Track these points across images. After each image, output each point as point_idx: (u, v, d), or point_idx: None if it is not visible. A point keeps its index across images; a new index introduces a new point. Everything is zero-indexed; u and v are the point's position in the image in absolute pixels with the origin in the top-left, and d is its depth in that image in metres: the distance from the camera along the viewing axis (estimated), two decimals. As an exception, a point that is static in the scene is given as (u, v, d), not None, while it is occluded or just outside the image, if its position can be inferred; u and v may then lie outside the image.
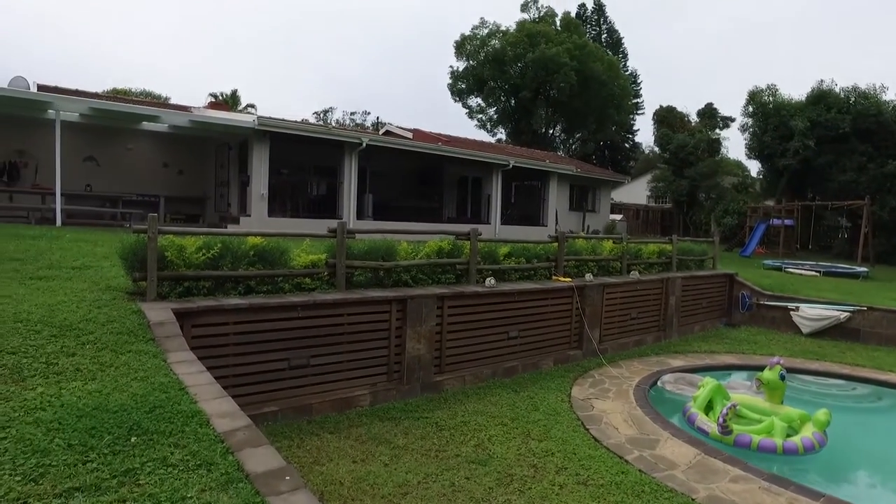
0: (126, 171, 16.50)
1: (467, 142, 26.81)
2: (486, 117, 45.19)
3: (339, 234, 7.16)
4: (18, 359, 4.48)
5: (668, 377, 9.23)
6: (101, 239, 9.50)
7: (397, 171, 20.25)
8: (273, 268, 6.76)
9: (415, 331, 7.66)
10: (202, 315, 5.84)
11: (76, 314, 5.34)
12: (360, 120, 54.21)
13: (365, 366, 7.31)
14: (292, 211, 16.02)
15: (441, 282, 8.59)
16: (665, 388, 8.86)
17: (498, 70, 40.23)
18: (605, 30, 50.69)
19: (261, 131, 14.19)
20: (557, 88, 38.29)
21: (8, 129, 14.91)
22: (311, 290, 7.08)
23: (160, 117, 15.18)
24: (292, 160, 16.02)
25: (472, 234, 8.82)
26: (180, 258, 6.08)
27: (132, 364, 4.57)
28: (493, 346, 8.81)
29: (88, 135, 15.64)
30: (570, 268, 10.77)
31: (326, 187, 17.64)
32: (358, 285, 7.64)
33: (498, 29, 41.51)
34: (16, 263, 7.09)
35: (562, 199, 25.54)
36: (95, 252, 8.15)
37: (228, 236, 6.79)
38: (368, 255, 7.66)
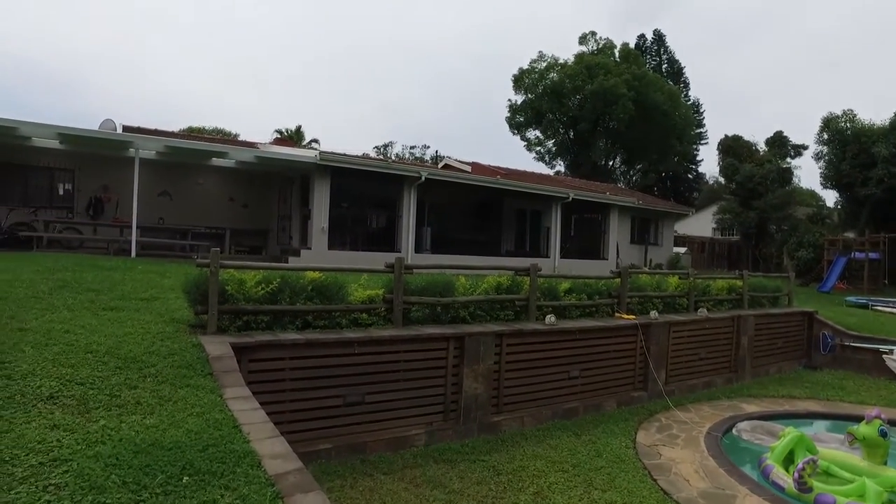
0: (196, 205, 17.27)
1: (526, 174, 26.67)
2: (545, 150, 45.07)
3: (396, 269, 7.11)
4: (86, 390, 4.58)
5: (744, 425, 8.56)
6: (169, 271, 9.85)
7: (455, 205, 20.28)
8: (330, 303, 6.75)
9: (472, 369, 7.45)
10: (259, 350, 5.86)
11: (140, 346, 5.46)
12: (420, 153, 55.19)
13: (421, 404, 7.13)
14: (352, 244, 16.24)
15: (499, 318, 8.37)
16: (741, 437, 8.21)
17: (556, 102, 40.20)
18: (666, 60, 49.96)
19: (322, 166, 14.55)
20: (616, 119, 37.82)
21: (96, 167, 15.96)
22: (367, 326, 7.02)
23: (228, 153, 15.87)
24: (352, 194, 16.32)
25: (531, 269, 8.59)
26: (240, 292, 6.16)
27: (189, 399, 4.58)
28: (553, 386, 8.46)
29: (163, 171, 16.51)
30: (634, 304, 10.31)
31: (385, 220, 17.84)
32: (415, 321, 7.53)
33: (556, 62, 41.64)
34: (92, 294, 7.40)
35: (623, 232, 24.88)
36: (163, 284, 8.43)
37: (287, 271, 6.85)
38: (426, 291, 7.56)
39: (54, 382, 4.60)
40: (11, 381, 4.56)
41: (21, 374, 4.68)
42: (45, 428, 3.99)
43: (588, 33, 43.62)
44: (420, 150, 55.93)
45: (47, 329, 5.69)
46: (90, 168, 16.02)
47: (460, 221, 20.77)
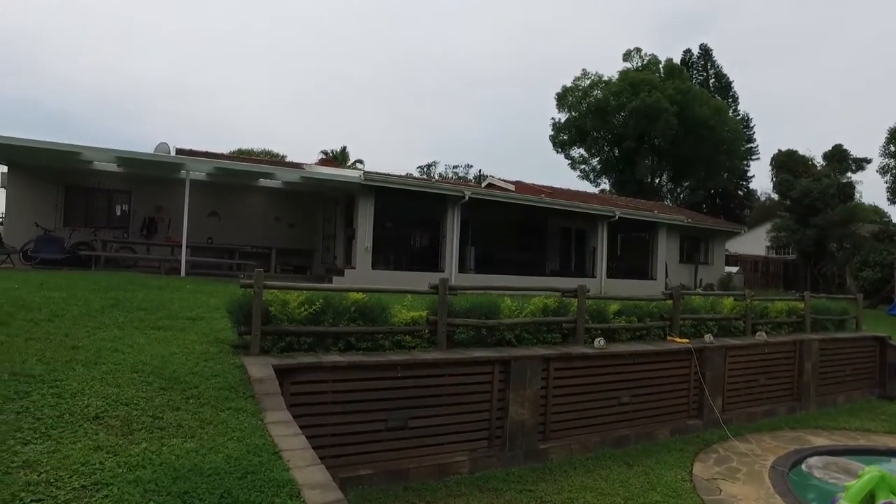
0: (243, 225, 17.63)
1: (570, 193, 26.26)
2: (589, 168, 44.44)
3: (440, 290, 6.95)
4: (130, 410, 4.57)
5: (815, 460, 7.95)
6: (216, 290, 9.98)
7: (499, 224, 20.07)
8: (374, 324, 6.64)
9: (518, 394, 7.18)
10: (301, 372, 5.78)
11: (185, 366, 5.45)
12: (463, 173, 55.21)
13: (465, 430, 6.90)
14: (395, 263, 16.21)
15: (546, 341, 8.09)
16: (811, 474, 7.62)
17: (600, 120, 39.69)
18: (713, 74, 48.72)
19: (367, 186, 14.63)
20: (661, 136, 37.00)
21: (150, 188, 16.54)
22: (411, 348, 6.87)
23: (275, 174, 16.18)
24: (396, 213, 16.34)
25: (579, 291, 8.30)
26: (283, 313, 6.12)
27: (230, 422, 4.51)
28: (602, 413, 8.10)
29: (213, 192, 16.95)
30: (687, 327, 9.83)
31: (429, 240, 17.76)
32: (459, 343, 7.33)
33: (600, 79, 41.19)
34: (141, 313, 7.52)
35: (671, 251, 24.11)
36: (209, 303, 8.51)
37: (331, 291, 6.78)
38: (471, 313, 7.36)
39: (101, 402, 4.62)
40: (62, 399, 4.60)
41: (71, 392, 4.72)
42: (89, 449, 3.97)
43: (632, 49, 43.04)
44: (463, 170, 56.00)
45: (97, 347, 5.76)
46: (145, 189, 16.60)
47: (504, 241, 20.53)
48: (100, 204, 16.73)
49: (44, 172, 15.23)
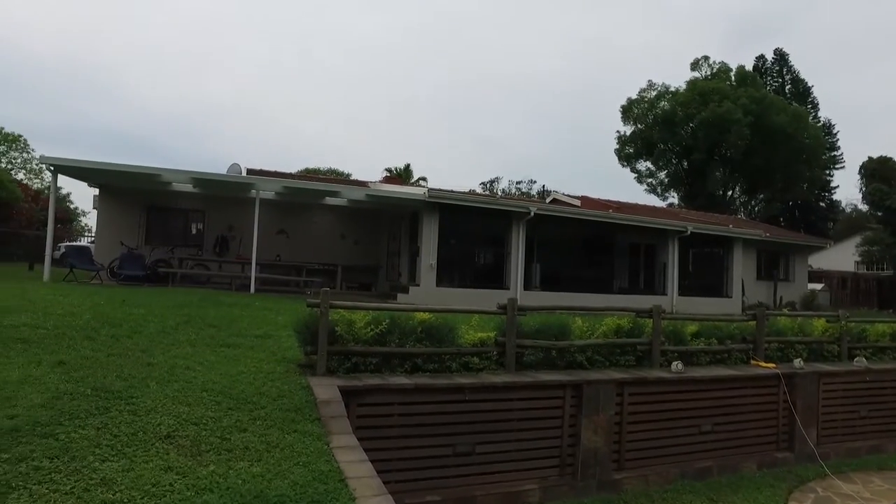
0: (310, 242, 17.98)
1: (638, 207, 25.40)
2: (657, 181, 43.05)
3: (509, 310, 6.71)
4: (199, 430, 4.57)
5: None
6: (283, 307, 10.11)
7: (565, 240, 19.60)
8: (441, 345, 6.47)
9: (591, 420, 6.80)
10: (367, 394, 5.66)
11: (252, 386, 5.45)
12: (526, 188, 54.74)
13: (535, 457, 6.59)
14: (460, 281, 16.06)
15: (620, 364, 7.66)
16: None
17: (668, 132, 38.42)
18: (789, 80, 46.23)
19: (431, 203, 14.61)
20: (733, 146, 35.33)
21: (223, 207, 17.19)
22: (478, 370, 6.64)
23: (340, 192, 16.44)
24: (460, 230, 16.23)
25: (654, 311, 7.84)
26: (349, 333, 6.04)
27: (296, 446, 4.42)
28: (681, 442, 7.56)
29: (281, 210, 17.42)
30: (773, 351, 9.11)
31: (493, 257, 17.53)
32: (528, 365, 7.04)
33: (667, 90, 39.97)
34: (212, 330, 7.67)
35: (748, 267, 22.80)
36: (277, 321, 8.61)
37: (397, 311, 6.67)
38: (540, 334, 7.07)
39: (172, 421, 4.65)
40: (136, 416, 4.66)
41: (145, 409, 4.78)
42: (160, 469, 3.98)
43: (700, 58, 41.52)
44: (526, 185, 55.52)
45: (171, 365, 5.87)
46: (218, 209, 17.25)
47: (570, 258, 20.02)
48: (177, 223, 17.51)
49: (129, 194, 16.12)
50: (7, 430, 4.18)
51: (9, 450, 3.96)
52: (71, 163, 13.14)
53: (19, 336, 6.39)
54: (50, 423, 4.37)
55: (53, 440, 4.15)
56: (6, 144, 34.90)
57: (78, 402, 4.76)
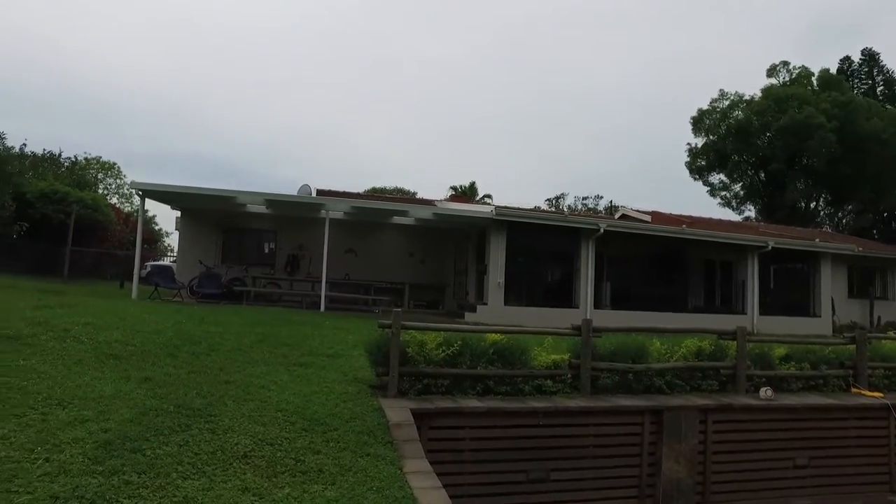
0: (378, 261, 18.24)
1: (712, 222, 24.29)
2: (731, 194, 41.10)
3: (583, 331, 6.47)
4: (274, 451, 4.61)
5: None
6: (353, 326, 10.23)
7: (636, 257, 18.96)
8: (513, 367, 6.31)
9: (672, 448, 6.42)
10: (439, 417, 5.57)
11: (325, 407, 5.47)
12: (593, 204, 53.57)
13: (613, 486, 6.29)
14: (528, 299, 15.80)
15: (701, 389, 7.22)
16: None
17: (742, 142, 36.68)
18: (881, 81, 43.10)
19: (498, 221, 14.49)
20: (816, 154, 33.24)
21: (294, 227, 17.75)
22: (552, 394, 6.42)
23: (408, 211, 16.62)
24: (528, 248, 16.00)
25: (738, 333, 7.36)
26: (421, 354, 5.99)
27: (369, 470, 4.37)
28: (773, 476, 7.01)
29: (350, 229, 17.78)
30: (878, 379, 8.35)
31: (562, 275, 17.17)
32: (603, 389, 6.75)
33: (740, 99, 38.24)
34: (286, 349, 7.83)
35: (838, 284, 21.23)
36: (347, 340, 8.69)
37: (468, 332, 6.57)
38: (616, 356, 6.78)
39: (249, 440, 4.72)
40: (215, 435, 4.76)
41: (223, 428, 4.88)
42: (238, 490, 4.02)
43: (778, 64, 39.52)
44: (593, 201, 54.33)
45: (246, 383, 6.00)
46: (289, 228, 17.82)
47: (641, 275, 19.35)
48: (251, 243, 18.22)
49: (207, 216, 16.94)
50: (102, 442, 4.37)
51: (103, 462, 4.13)
52: (157, 187, 13.98)
53: (111, 352, 6.74)
54: (138, 438, 4.53)
55: (141, 455, 4.29)
56: (103, 172, 37.63)
57: (162, 418, 4.92)
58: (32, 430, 4.48)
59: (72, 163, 32.75)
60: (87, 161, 35.87)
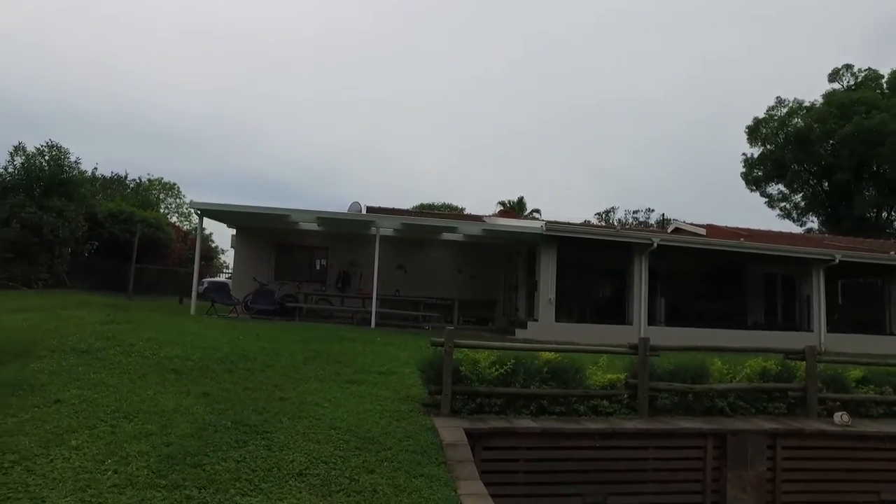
0: (427, 277, 18.29)
1: (772, 235, 23.28)
2: (792, 205, 39.44)
3: (640, 350, 6.27)
4: (329, 469, 4.63)
5: None
6: (404, 343, 10.26)
7: (690, 272, 18.39)
8: (567, 386, 6.15)
9: (737, 475, 6.10)
10: (493, 437, 5.48)
11: (378, 425, 5.47)
12: (643, 218, 52.34)
13: (674, 513, 6.00)
14: (579, 316, 15.52)
15: (767, 412, 6.86)
16: None
17: (803, 151, 35.22)
18: (971, 76, 40.55)
19: (548, 236, 14.33)
20: (888, 161, 31.50)
21: (344, 244, 18.05)
22: (608, 414, 6.23)
23: (457, 228, 16.64)
24: (579, 264, 15.75)
25: (807, 353, 6.97)
26: (474, 372, 5.93)
27: (423, 491, 4.33)
28: (852, 508, 6.54)
29: (399, 246, 17.92)
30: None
31: (614, 291, 16.80)
32: (662, 410, 6.50)
33: (800, 105, 36.81)
34: (338, 366, 7.90)
35: (916, 299, 19.92)
36: (399, 357, 8.71)
37: (521, 351, 6.46)
38: (675, 376, 6.53)
39: (304, 458, 4.75)
40: (271, 452, 4.82)
41: (279, 445, 4.94)
42: (293, 509, 4.04)
43: (841, 67, 37.75)
44: (643, 215, 53.11)
45: (301, 401, 6.07)
46: (340, 246, 18.12)
47: (697, 291, 18.73)
48: (303, 260, 18.61)
49: (261, 233, 17.45)
50: (165, 456, 4.50)
51: (166, 476, 4.24)
52: (214, 206, 14.51)
53: (172, 367, 6.97)
54: (198, 453, 4.64)
55: (201, 470, 4.39)
56: (164, 192, 39.46)
57: (220, 434, 5.02)
58: (102, 442, 4.66)
59: (136, 184, 34.47)
60: (150, 182, 37.68)
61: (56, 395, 5.63)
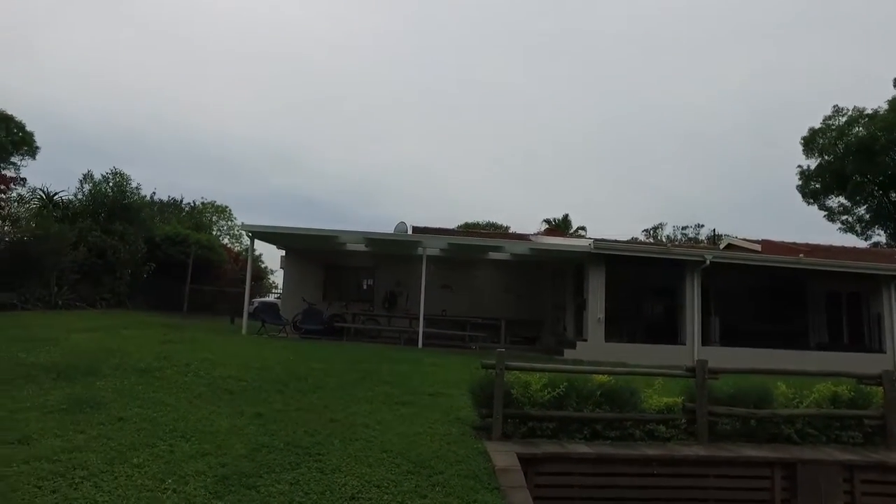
0: (473, 297, 18.23)
1: (834, 250, 22.19)
2: (854, 218, 37.56)
3: (698, 373, 6.02)
4: (381, 493, 4.59)
5: None
6: (451, 363, 10.19)
7: (745, 290, 17.66)
8: (622, 410, 5.95)
9: (809, 509, 5.73)
10: (546, 462, 5.33)
11: (429, 449, 5.40)
12: (693, 234, 50.94)
13: (741, 548, 5.68)
14: (630, 335, 15.11)
15: (840, 440, 6.44)
16: None
17: (866, 161, 33.57)
18: None
19: (596, 254, 14.09)
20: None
21: (390, 264, 18.22)
22: (666, 440, 5.98)
23: (504, 247, 16.56)
24: (628, 282, 15.38)
25: (884, 377, 6.55)
26: (525, 395, 5.81)
27: (478, 519, 4.23)
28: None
29: (445, 265, 17.95)
30: None
31: (665, 309, 16.32)
32: (722, 435, 6.20)
33: (860, 114, 35.20)
34: (387, 387, 7.90)
35: None
36: (447, 378, 8.64)
37: (574, 373, 6.30)
38: (736, 400, 6.22)
39: (356, 482, 4.73)
40: (323, 474, 4.82)
41: (331, 468, 4.94)
42: (346, 533, 4.01)
43: (907, 74, 36.07)
44: (693, 230, 51.68)
45: (351, 422, 6.07)
46: (386, 265, 18.29)
47: (753, 309, 17.96)
48: (350, 280, 18.87)
49: (310, 254, 17.80)
50: (220, 477, 4.57)
51: (222, 497, 4.30)
52: (265, 229, 14.91)
53: (226, 387, 7.11)
54: (252, 474, 4.68)
55: (255, 492, 4.42)
56: (217, 215, 40.93)
57: (274, 455, 5.06)
58: (162, 461, 4.77)
59: (191, 207, 35.83)
60: (204, 205, 39.14)
61: (119, 412, 5.81)
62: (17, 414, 5.59)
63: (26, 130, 27.16)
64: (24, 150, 27.32)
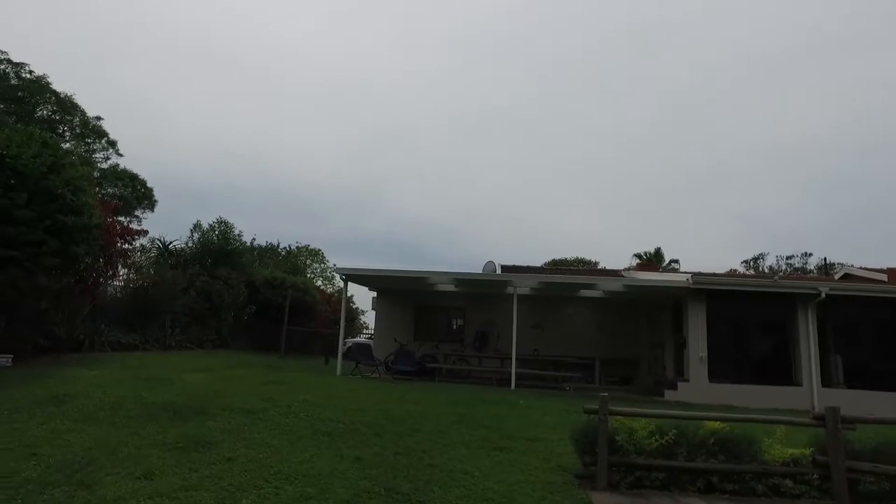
0: (565, 336, 17.74)
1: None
2: None
3: (829, 422, 5.41)
4: (483, 546, 4.43)
5: None
6: (547, 406, 9.88)
7: (872, 324, 16.00)
8: (739, 461, 5.45)
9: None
10: (660, 518, 4.95)
11: (531, 498, 5.18)
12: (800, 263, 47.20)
13: None
14: (736, 375, 14.04)
15: None
16: None
17: None
18: None
19: (695, 290, 13.34)
20: None
21: (480, 304, 18.18)
22: (794, 497, 5.38)
23: (596, 284, 16.09)
24: (732, 318, 14.40)
25: None
26: (631, 443, 5.47)
27: (589, 577, 3.96)
28: None
29: (536, 304, 17.65)
30: None
31: (775, 347, 15.05)
32: (868, 497, 5.49)
33: None
34: (483, 431, 7.75)
35: None
36: (544, 422, 8.36)
37: (683, 419, 5.88)
38: (880, 455, 5.52)
39: (458, 531, 4.60)
40: (425, 523, 4.73)
41: (432, 515, 4.84)
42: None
43: None
44: (800, 260, 47.88)
45: (450, 468, 5.96)
46: (476, 305, 18.26)
47: (882, 346, 16.18)
48: (440, 320, 18.99)
49: (400, 295, 18.13)
50: (323, 523, 4.59)
51: (328, 544, 4.29)
52: (357, 271, 15.40)
53: (326, 429, 7.25)
54: (354, 520, 4.67)
55: (359, 540, 4.39)
56: (311, 258, 42.90)
57: (375, 501, 5.04)
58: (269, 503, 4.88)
59: (287, 251, 37.76)
60: (298, 249, 41.13)
61: (228, 453, 6.05)
62: (143, 450, 5.98)
63: (147, 186, 29.99)
64: (146, 204, 30.10)
